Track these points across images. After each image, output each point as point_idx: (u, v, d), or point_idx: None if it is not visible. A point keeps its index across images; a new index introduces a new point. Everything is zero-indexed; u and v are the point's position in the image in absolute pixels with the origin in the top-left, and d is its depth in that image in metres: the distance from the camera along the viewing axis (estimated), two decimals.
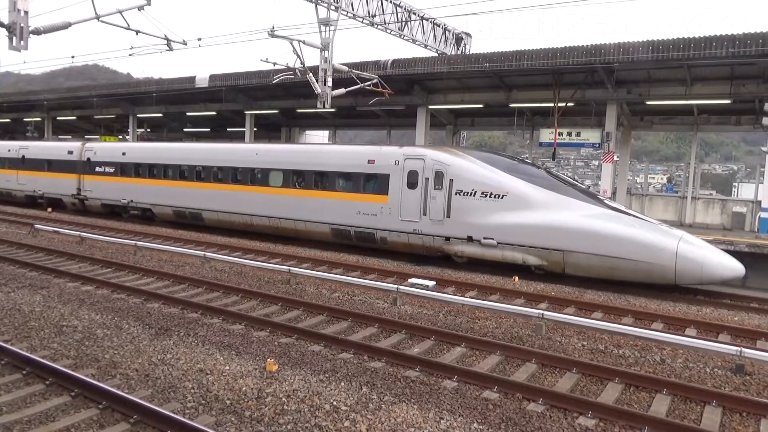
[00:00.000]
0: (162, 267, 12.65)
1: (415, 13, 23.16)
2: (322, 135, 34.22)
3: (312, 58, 21.29)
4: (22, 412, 5.29)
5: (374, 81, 19.45)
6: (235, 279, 11.85)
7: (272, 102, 26.36)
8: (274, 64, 18.44)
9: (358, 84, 19.13)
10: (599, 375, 6.97)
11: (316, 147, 21.94)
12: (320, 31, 16.95)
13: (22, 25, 11.50)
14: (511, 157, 16.40)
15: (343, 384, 6.28)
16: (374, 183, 15.47)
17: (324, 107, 17.81)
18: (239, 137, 30.32)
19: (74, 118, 36.35)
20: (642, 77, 18.04)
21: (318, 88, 17.33)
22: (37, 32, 12.63)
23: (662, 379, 6.76)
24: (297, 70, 18.19)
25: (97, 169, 22.97)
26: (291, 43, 16.91)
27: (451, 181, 14.03)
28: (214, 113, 29.06)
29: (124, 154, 22.27)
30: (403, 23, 22.71)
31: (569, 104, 19.32)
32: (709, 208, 21.89)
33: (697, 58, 15.16)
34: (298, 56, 17.27)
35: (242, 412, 5.50)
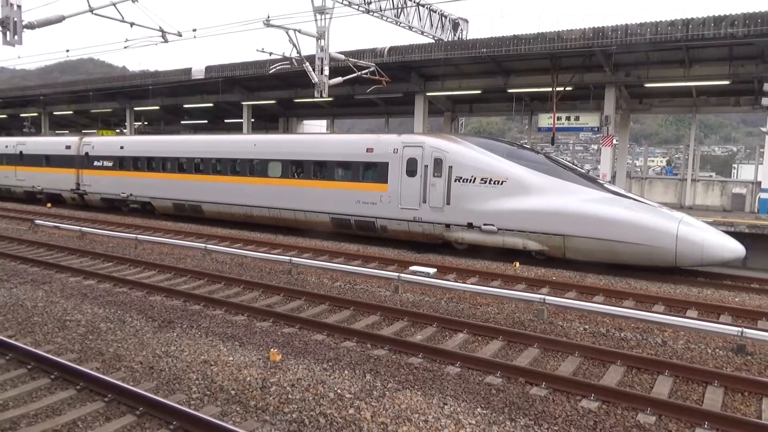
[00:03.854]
0: (163, 260, 12.66)
1: (411, 0, 22.98)
2: (320, 124, 34.12)
3: (308, 47, 21.21)
4: (28, 406, 5.32)
5: (371, 69, 19.36)
6: (237, 270, 11.87)
7: (269, 92, 26.25)
8: (271, 54, 18.36)
9: (355, 72, 19.05)
10: (601, 358, 7.00)
11: (314, 137, 21.87)
12: (316, 20, 16.84)
13: (15, 19, 11.44)
14: (510, 143, 16.36)
15: (346, 372, 6.31)
16: (373, 171, 15.44)
17: (321, 96, 17.74)
18: (237, 128, 30.23)
19: (71, 112, 36.22)
20: (640, 60, 17.94)
21: (315, 78, 17.26)
22: (31, 26, 12.55)
23: (664, 361, 6.79)
24: (293, 60, 18.12)
25: (96, 163, 22.92)
26: (287, 33, 16.82)
27: (451, 168, 14.01)
28: (211, 105, 28.97)
29: (122, 147, 22.22)
30: (399, 10, 22.54)
31: (567, 88, 19.24)
32: (708, 190, 21.90)
33: (695, 39, 15.08)
34: (294, 46, 17.18)
35: (247, 402, 5.54)
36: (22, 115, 38.31)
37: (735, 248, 11.58)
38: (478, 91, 21.84)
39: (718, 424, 5.25)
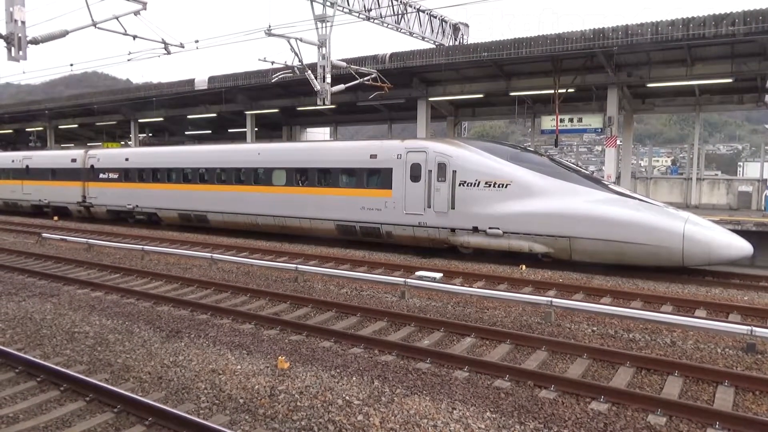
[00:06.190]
0: (170, 270, 12.71)
1: (411, 6, 23.10)
2: (323, 132, 34.24)
3: (310, 55, 21.32)
4: (38, 418, 5.34)
5: (373, 75, 19.42)
6: (243, 279, 11.89)
7: (272, 101, 26.37)
8: (273, 63, 18.46)
9: (357, 79, 19.10)
10: (610, 359, 6.97)
11: (317, 144, 21.97)
12: (317, 28, 16.93)
13: (20, 35, 11.52)
14: (513, 146, 16.35)
15: (354, 378, 6.30)
16: (377, 177, 15.47)
17: (324, 104, 17.80)
18: (241, 138, 30.36)
19: (76, 126, 36.47)
20: (642, 60, 17.92)
21: (317, 85, 17.32)
22: (35, 42, 12.66)
23: (673, 361, 6.75)
24: (295, 68, 18.21)
25: (101, 175, 23.06)
26: (288, 42, 16.91)
27: (454, 172, 14.01)
28: (214, 115, 29.12)
29: (127, 159, 22.35)
30: (400, 16, 22.66)
31: (570, 90, 19.23)
32: (714, 189, 21.82)
33: (696, 38, 15.05)
34: (296, 54, 17.27)
35: (256, 410, 5.54)
36: (27, 129, 38.61)
37: (742, 246, 11.51)
38: (481, 95, 21.85)
39: (729, 424, 5.22)
